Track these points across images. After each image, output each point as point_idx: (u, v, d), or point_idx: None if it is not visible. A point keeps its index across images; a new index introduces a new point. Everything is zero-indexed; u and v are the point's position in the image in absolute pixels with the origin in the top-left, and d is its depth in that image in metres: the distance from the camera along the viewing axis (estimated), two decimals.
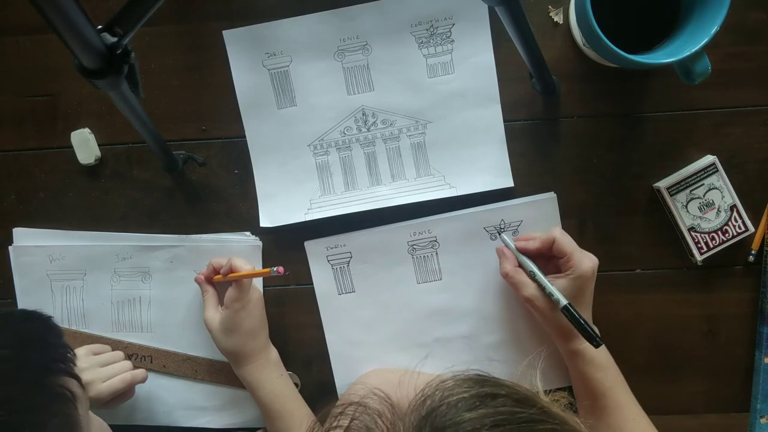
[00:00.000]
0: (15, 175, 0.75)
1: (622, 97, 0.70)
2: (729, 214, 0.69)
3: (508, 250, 0.67)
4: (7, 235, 0.75)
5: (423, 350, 0.73)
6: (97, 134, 0.74)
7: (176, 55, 0.72)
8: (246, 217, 0.74)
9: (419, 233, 0.72)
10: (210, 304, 0.69)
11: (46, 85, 0.73)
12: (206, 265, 0.72)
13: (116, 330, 0.75)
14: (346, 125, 0.72)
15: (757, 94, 0.69)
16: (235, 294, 0.67)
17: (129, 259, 0.74)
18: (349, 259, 0.73)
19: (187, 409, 0.76)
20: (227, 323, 0.67)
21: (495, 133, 0.70)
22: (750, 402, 0.72)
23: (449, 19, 0.70)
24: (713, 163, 0.69)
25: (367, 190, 0.72)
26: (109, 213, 0.75)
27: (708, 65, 0.59)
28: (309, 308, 0.74)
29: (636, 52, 0.60)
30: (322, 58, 0.71)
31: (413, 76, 0.71)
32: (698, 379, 0.73)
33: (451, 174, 0.71)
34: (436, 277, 0.72)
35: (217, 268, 0.69)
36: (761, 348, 0.71)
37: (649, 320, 0.72)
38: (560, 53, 0.70)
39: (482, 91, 0.70)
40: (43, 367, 0.46)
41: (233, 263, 0.67)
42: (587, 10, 0.57)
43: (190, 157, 0.72)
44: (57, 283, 0.75)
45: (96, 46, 0.47)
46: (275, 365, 0.70)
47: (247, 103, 0.72)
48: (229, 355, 0.69)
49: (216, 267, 0.69)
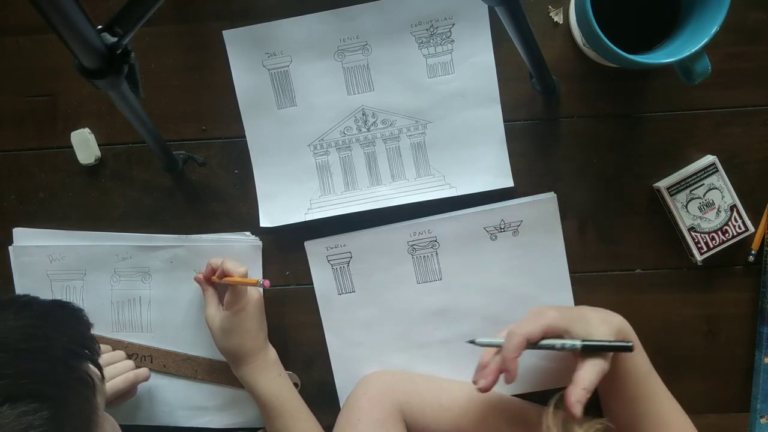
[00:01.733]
0: (15, 175, 0.75)
1: (622, 97, 0.70)
2: (729, 214, 0.69)
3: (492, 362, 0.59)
4: (7, 235, 0.75)
5: (423, 350, 0.73)
6: (97, 134, 0.74)
7: (176, 55, 0.72)
8: (246, 217, 0.74)
9: (419, 233, 0.72)
10: (211, 302, 0.70)
11: (46, 85, 0.73)
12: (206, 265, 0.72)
13: (116, 330, 0.75)
14: (346, 125, 0.72)
15: (757, 94, 0.69)
16: (232, 298, 0.67)
17: (129, 259, 0.74)
18: (349, 259, 0.73)
19: (188, 408, 0.76)
20: (226, 324, 0.67)
21: (495, 133, 0.70)
22: (750, 402, 0.72)
23: (449, 19, 0.70)
24: (713, 163, 0.69)
25: (367, 190, 0.72)
26: (109, 213, 0.75)
27: (708, 65, 0.59)
28: (309, 308, 0.74)
29: (636, 52, 0.60)
30: (322, 58, 0.71)
31: (413, 76, 0.71)
32: (698, 379, 0.73)
33: (451, 174, 0.71)
34: (436, 277, 0.72)
35: (215, 269, 0.69)
36: (761, 348, 0.71)
37: (649, 320, 0.72)
38: (560, 53, 0.70)
39: (482, 91, 0.70)
40: (72, 350, 0.48)
41: (225, 266, 0.67)
42: (587, 10, 0.57)
43: (190, 157, 0.72)
44: (57, 283, 0.75)
45: (96, 46, 0.47)
46: (274, 365, 0.70)
47: (247, 103, 0.72)
48: (227, 355, 0.69)
49: (214, 267, 0.69)
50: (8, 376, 0.42)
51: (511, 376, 0.57)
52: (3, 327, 0.45)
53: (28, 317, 0.47)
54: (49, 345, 0.46)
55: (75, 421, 0.45)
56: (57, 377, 0.45)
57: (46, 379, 0.44)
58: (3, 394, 0.41)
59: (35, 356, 0.45)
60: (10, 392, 0.41)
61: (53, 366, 0.45)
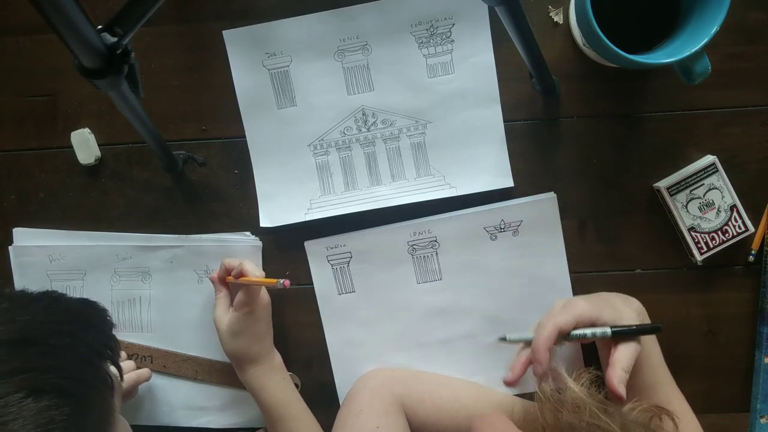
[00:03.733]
0: (15, 175, 0.75)
1: (622, 97, 0.70)
2: (729, 214, 0.69)
3: (522, 354, 0.61)
4: (7, 235, 0.75)
5: (423, 350, 0.73)
6: (97, 134, 0.74)
7: (176, 55, 0.72)
8: (246, 217, 0.74)
9: (419, 233, 0.72)
10: (221, 304, 0.69)
11: (46, 85, 0.73)
12: (206, 264, 0.72)
13: (116, 330, 0.74)
14: (346, 125, 0.72)
15: (757, 94, 0.69)
16: (245, 299, 0.67)
17: (129, 259, 0.74)
18: (349, 259, 0.73)
19: (188, 409, 0.76)
20: (234, 326, 0.67)
21: (495, 133, 0.70)
22: (750, 402, 0.72)
23: (449, 19, 0.70)
24: (713, 163, 0.69)
25: (367, 190, 0.72)
26: (109, 213, 0.75)
27: (708, 65, 0.59)
28: (309, 308, 0.74)
29: (636, 52, 0.60)
30: (322, 58, 0.71)
31: (413, 76, 0.71)
32: (698, 379, 0.73)
33: (451, 174, 0.71)
34: (436, 277, 0.72)
35: (230, 269, 0.69)
36: (761, 348, 0.71)
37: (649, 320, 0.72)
38: (560, 53, 0.70)
39: (482, 91, 0.70)
40: (96, 349, 0.49)
41: (244, 267, 0.67)
42: (587, 10, 0.57)
43: (190, 157, 0.72)
44: (57, 283, 0.75)
45: (96, 46, 0.47)
46: (278, 369, 0.70)
47: (247, 103, 0.72)
48: (233, 357, 0.69)
49: (228, 268, 0.69)
50: (34, 369, 0.42)
51: (542, 367, 0.56)
52: (32, 320, 0.46)
53: (56, 313, 0.48)
54: (74, 342, 0.47)
55: (94, 419, 0.46)
56: (81, 375, 0.46)
57: (71, 376, 0.45)
58: (28, 387, 0.41)
59: (61, 352, 0.45)
60: (35, 385, 0.42)
61: (78, 364, 0.46)
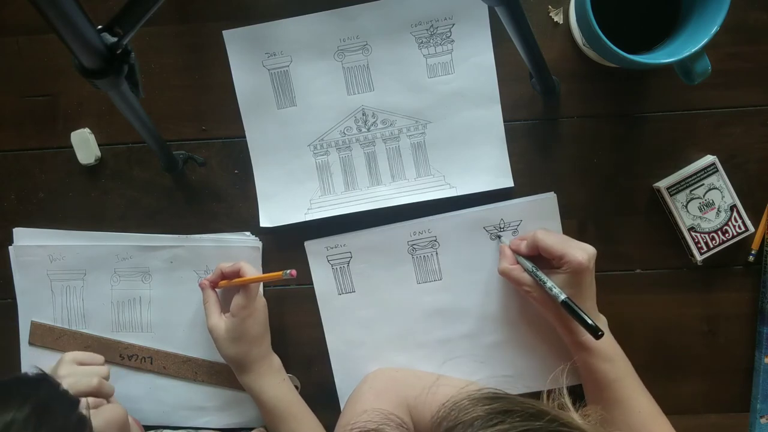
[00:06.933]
0: (15, 175, 0.75)
1: (622, 97, 0.70)
2: (729, 214, 0.69)
3: (508, 248, 0.68)
4: (7, 235, 0.75)
5: (423, 350, 0.73)
6: (97, 134, 0.74)
7: (176, 55, 0.72)
8: (246, 217, 0.74)
9: (419, 233, 0.72)
10: (213, 311, 0.69)
11: (46, 85, 0.73)
12: (206, 265, 0.72)
13: (116, 330, 0.75)
14: (346, 125, 0.72)
15: (757, 94, 0.69)
16: (243, 301, 0.66)
17: (129, 259, 0.74)
18: (349, 259, 0.73)
19: (187, 409, 0.76)
20: (234, 331, 0.67)
21: (495, 133, 0.70)
22: (750, 402, 0.72)
23: (449, 19, 0.70)
24: (713, 163, 0.69)
25: (367, 190, 0.72)
26: (109, 213, 0.75)
27: (708, 65, 0.59)
28: (309, 308, 0.74)
29: (636, 52, 0.60)
30: (322, 58, 0.71)
31: (413, 76, 0.71)
32: (698, 379, 0.73)
33: (451, 174, 0.71)
34: (436, 277, 0.72)
35: (226, 273, 0.68)
36: (761, 348, 0.71)
37: (649, 320, 0.72)
38: (560, 53, 0.70)
39: (482, 91, 0.70)
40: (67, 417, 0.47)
41: (242, 268, 0.67)
42: (587, 10, 0.57)
43: (190, 157, 0.72)
44: (57, 283, 0.75)
45: (96, 46, 0.47)
46: (278, 371, 0.70)
47: (247, 103, 0.72)
48: (232, 362, 0.69)
49: (224, 271, 0.69)
50: None
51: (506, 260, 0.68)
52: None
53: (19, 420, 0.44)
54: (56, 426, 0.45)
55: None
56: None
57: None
58: None
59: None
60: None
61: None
